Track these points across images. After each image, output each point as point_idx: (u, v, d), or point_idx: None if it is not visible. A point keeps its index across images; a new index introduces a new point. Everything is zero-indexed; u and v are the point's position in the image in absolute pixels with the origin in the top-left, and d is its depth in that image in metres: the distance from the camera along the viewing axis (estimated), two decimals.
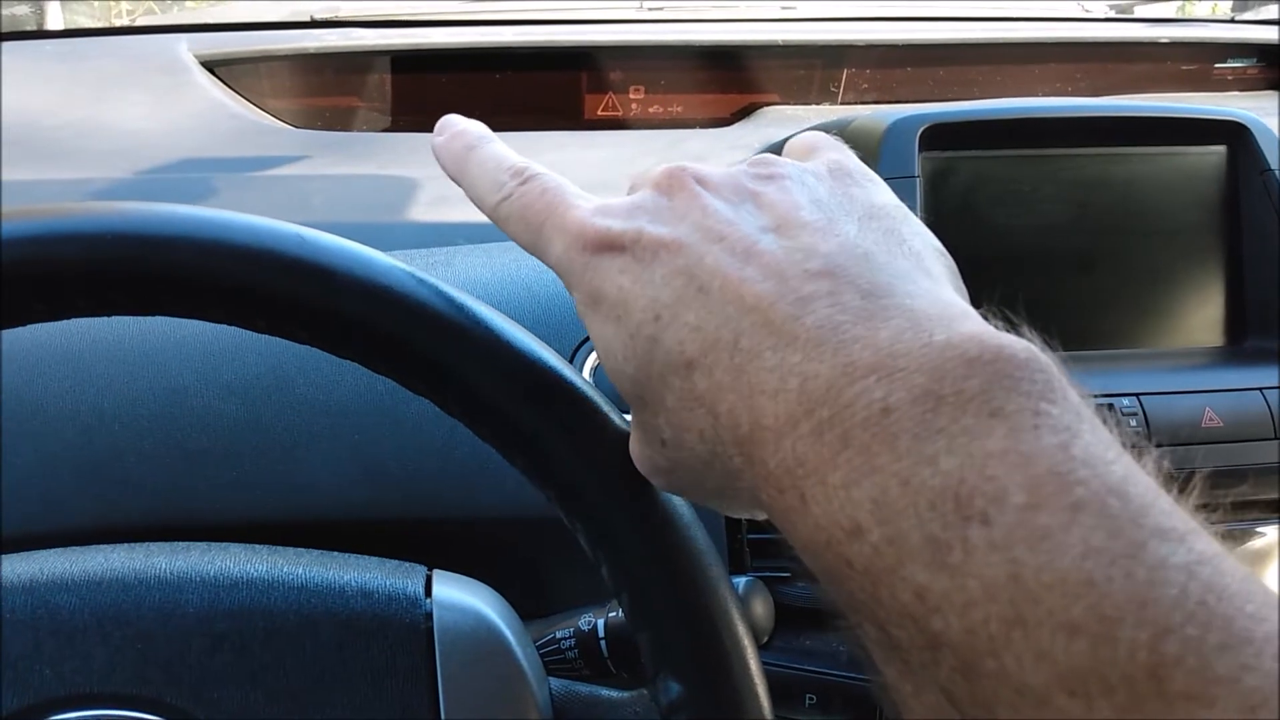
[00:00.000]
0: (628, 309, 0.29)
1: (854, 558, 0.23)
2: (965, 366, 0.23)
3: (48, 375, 0.57)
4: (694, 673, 0.34)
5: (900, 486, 0.22)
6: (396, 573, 0.43)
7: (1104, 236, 0.68)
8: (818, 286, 0.26)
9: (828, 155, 0.33)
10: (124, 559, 0.42)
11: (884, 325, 0.25)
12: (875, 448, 0.23)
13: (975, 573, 0.21)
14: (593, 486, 0.34)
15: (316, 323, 0.33)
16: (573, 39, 1.06)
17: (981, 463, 0.21)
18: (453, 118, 0.37)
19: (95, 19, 1.31)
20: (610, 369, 0.30)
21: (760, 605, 0.51)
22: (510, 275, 0.67)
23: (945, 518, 0.21)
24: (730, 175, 0.31)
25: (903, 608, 0.22)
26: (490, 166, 0.34)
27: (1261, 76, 1.14)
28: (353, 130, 1.04)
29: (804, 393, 0.25)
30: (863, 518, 0.23)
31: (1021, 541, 0.20)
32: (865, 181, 0.32)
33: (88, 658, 0.39)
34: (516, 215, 0.33)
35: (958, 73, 1.09)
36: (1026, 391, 0.22)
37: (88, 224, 0.32)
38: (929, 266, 0.28)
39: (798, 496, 0.24)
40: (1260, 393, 0.62)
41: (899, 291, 0.26)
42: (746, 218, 0.29)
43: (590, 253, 0.30)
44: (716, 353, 0.27)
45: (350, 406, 0.58)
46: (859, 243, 0.28)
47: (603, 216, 0.30)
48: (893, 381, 0.23)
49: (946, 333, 0.24)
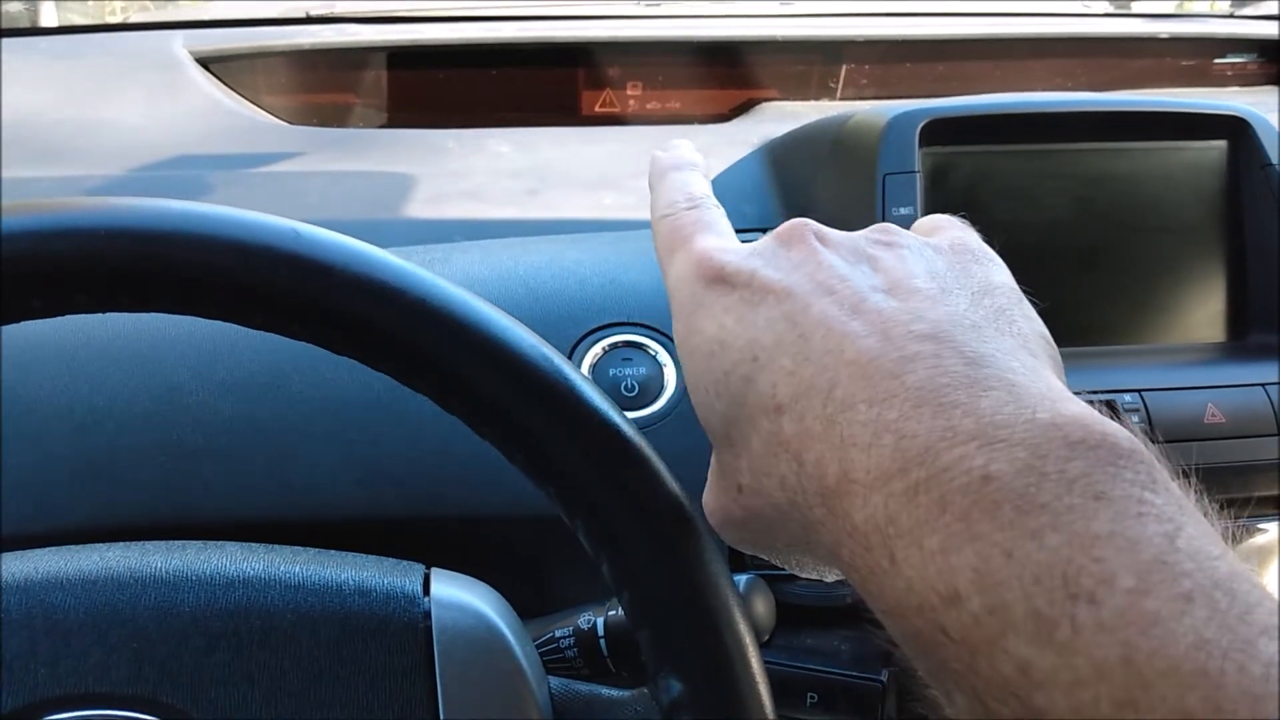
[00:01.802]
0: (725, 347, 0.29)
1: (950, 625, 0.23)
2: (1069, 448, 0.23)
3: (42, 373, 0.57)
4: (695, 671, 0.34)
5: (1003, 557, 0.22)
6: (394, 571, 0.43)
7: (1105, 232, 0.68)
8: (922, 348, 0.26)
9: (952, 233, 0.34)
10: (120, 558, 0.42)
11: (985, 394, 0.25)
12: (975, 515, 0.23)
13: (1084, 651, 0.20)
14: (593, 483, 0.33)
15: (314, 319, 0.33)
16: (570, 35, 1.06)
17: (1088, 543, 0.21)
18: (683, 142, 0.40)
19: (89, 16, 1.31)
20: (698, 403, 0.31)
21: (761, 603, 0.50)
22: (508, 272, 0.67)
23: (1051, 594, 0.21)
24: (850, 237, 0.32)
25: (1004, 681, 0.22)
26: (676, 187, 0.36)
27: (1261, 72, 1.14)
28: (349, 127, 1.03)
29: (899, 450, 0.24)
30: (962, 585, 0.22)
31: (1132, 625, 0.20)
32: (985, 260, 0.32)
33: (83, 657, 0.38)
34: (665, 232, 0.34)
35: (957, 68, 1.09)
36: (1130, 480, 0.22)
37: (84, 219, 0.31)
38: (1034, 349, 0.29)
39: (887, 556, 0.24)
40: (1263, 388, 0.62)
41: (1003, 365, 0.26)
42: (860, 276, 0.29)
43: (703, 284, 0.31)
44: (809, 399, 0.27)
45: (347, 404, 0.58)
46: (968, 315, 0.28)
47: (723, 253, 0.31)
48: (994, 450, 0.23)
49: (1049, 412, 0.24)
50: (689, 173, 0.37)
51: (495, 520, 0.57)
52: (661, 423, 0.60)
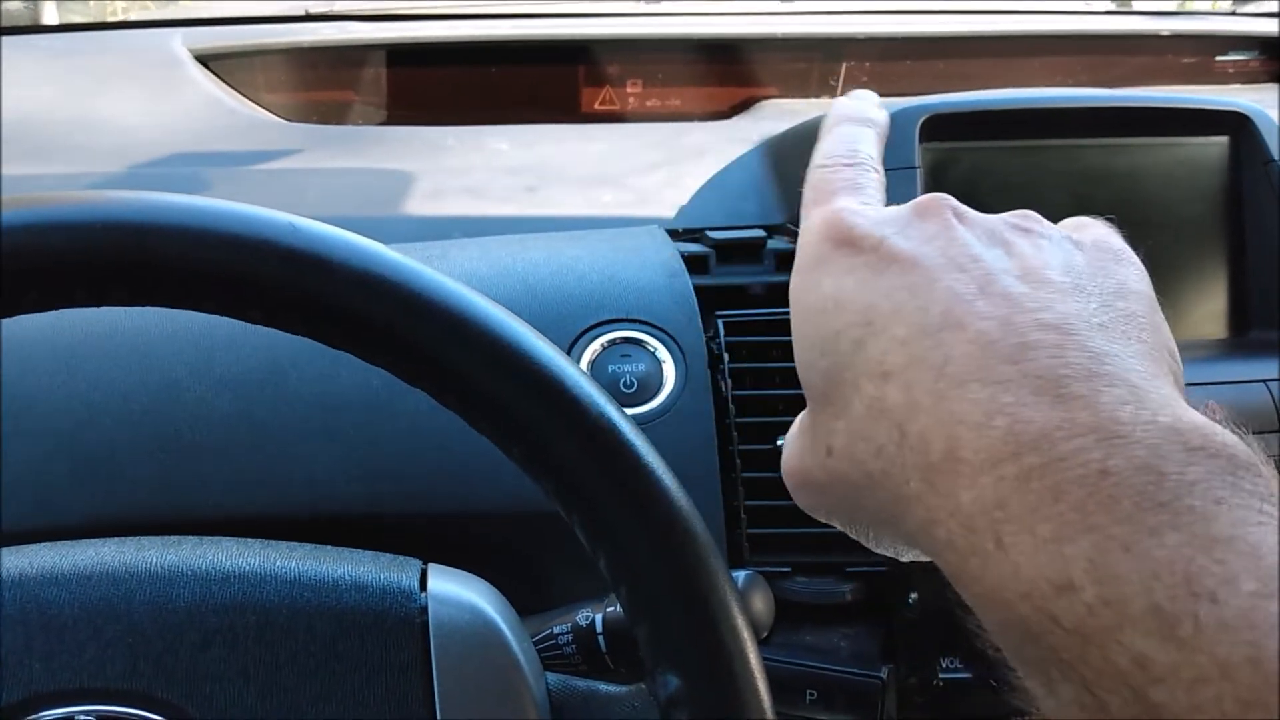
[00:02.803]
0: (840, 306, 0.29)
1: (1061, 614, 0.22)
2: (1188, 453, 0.23)
3: (39, 369, 0.57)
4: (693, 667, 0.33)
5: (1121, 550, 0.22)
6: (391, 567, 0.42)
7: None
8: (1045, 337, 0.26)
9: (1096, 231, 0.33)
10: (115, 553, 0.42)
11: (1106, 390, 0.24)
12: (1091, 507, 0.22)
13: (1207, 649, 0.20)
14: (591, 479, 0.33)
15: (311, 313, 0.33)
16: (570, 32, 1.05)
17: (1209, 545, 0.21)
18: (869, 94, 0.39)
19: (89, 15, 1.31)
20: (801, 361, 0.31)
21: (760, 600, 0.50)
22: (506, 268, 0.67)
23: (1173, 590, 0.21)
24: (988, 218, 0.31)
25: (1118, 673, 0.22)
26: (842, 140, 0.35)
27: (1262, 69, 1.14)
28: (348, 124, 1.03)
29: (1012, 434, 0.24)
30: (1076, 575, 0.22)
31: (1256, 626, 0.20)
32: (1126, 262, 0.31)
33: (78, 652, 0.38)
34: (814, 184, 0.34)
35: (957, 65, 1.09)
36: (1249, 490, 0.22)
37: (81, 213, 0.31)
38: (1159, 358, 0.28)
39: (992, 539, 0.24)
40: (1264, 385, 0.62)
41: (1125, 366, 0.25)
42: (993, 259, 0.29)
43: (830, 243, 0.31)
44: (919, 370, 0.27)
45: (345, 400, 0.57)
46: (1098, 314, 0.27)
47: (856, 215, 0.31)
48: (1113, 447, 0.23)
49: (1170, 417, 0.24)
50: (861, 128, 0.36)
51: (493, 516, 0.57)
52: (660, 419, 0.60)
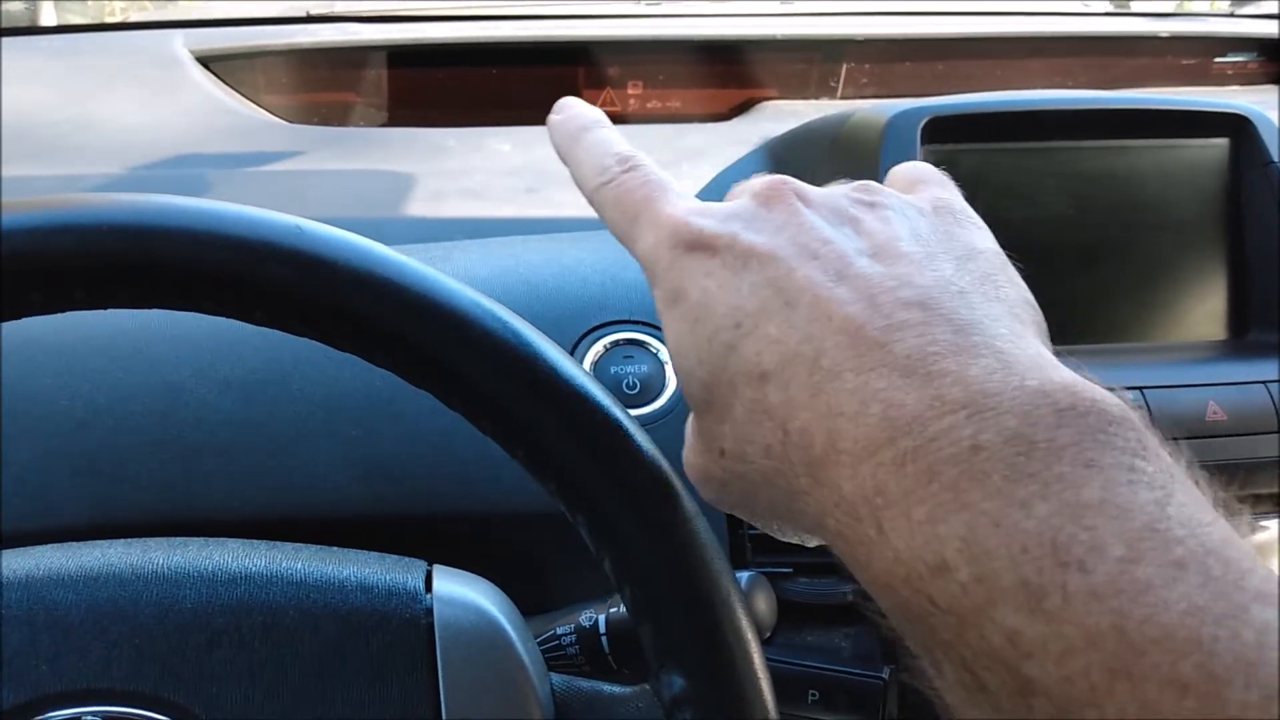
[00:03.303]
0: (708, 312, 0.29)
1: (938, 595, 0.22)
2: (1058, 416, 0.23)
3: (42, 370, 0.57)
4: (698, 667, 0.34)
5: (992, 526, 0.22)
6: (396, 568, 0.42)
7: (1106, 229, 0.68)
8: (910, 315, 0.26)
9: (933, 191, 0.33)
10: (121, 554, 0.42)
11: (974, 362, 0.24)
12: (964, 484, 0.22)
13: (1074, 620, 0.20)
14: (595, 480, 0.33)
15: (315, 315, 0.33)
16: (570, 34, 1.06)
17: (1077, 512, 0.21)
18: (572, 100, 0.37)
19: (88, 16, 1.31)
20: (681, 369, 0.30)
21: (763, 600, 0.50)
22: (509, 270, 0.67)
23: (1040, 562, 0.21)
24: (831, 196, 0.31)
25: (993, 650, 0.22)
26: (598, 150, 0.34)
27: (1261, 71, 1.14)
28: (349, 125, 1.04)
29: (886, 420, 0.24)
30: (950, 555, 0.22)
31: (1123, 593, 0.20)
32: (967, 223, 0.32)
33: (85, 653, 0.38)
34: (613, 201, 0.33)
35: (957, 67, 1.09)
36: (1120, 447, 0.22)
37: (85, 215, 0.31)
38: (1020, 315, 0.28)
39: (874, 526, 0.24)
40: (1264, 386, 0.62)
41: (991, 332, 0.26)
42: (843, 239, 0.29)
43: (681, 250, 0.30)
44: (794, 367, 0.26)
45: (348, 401, 0.58)
46: (955, 280, 0.28)
47: (699, 216, 0.30)
48: (983, 420, 0.23)
49: (1038, 379, 0.24)
50: (602, 131, 0.35)
51: (497, 517, 0.57)
52: (664, 420, 0.60)
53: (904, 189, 0.34)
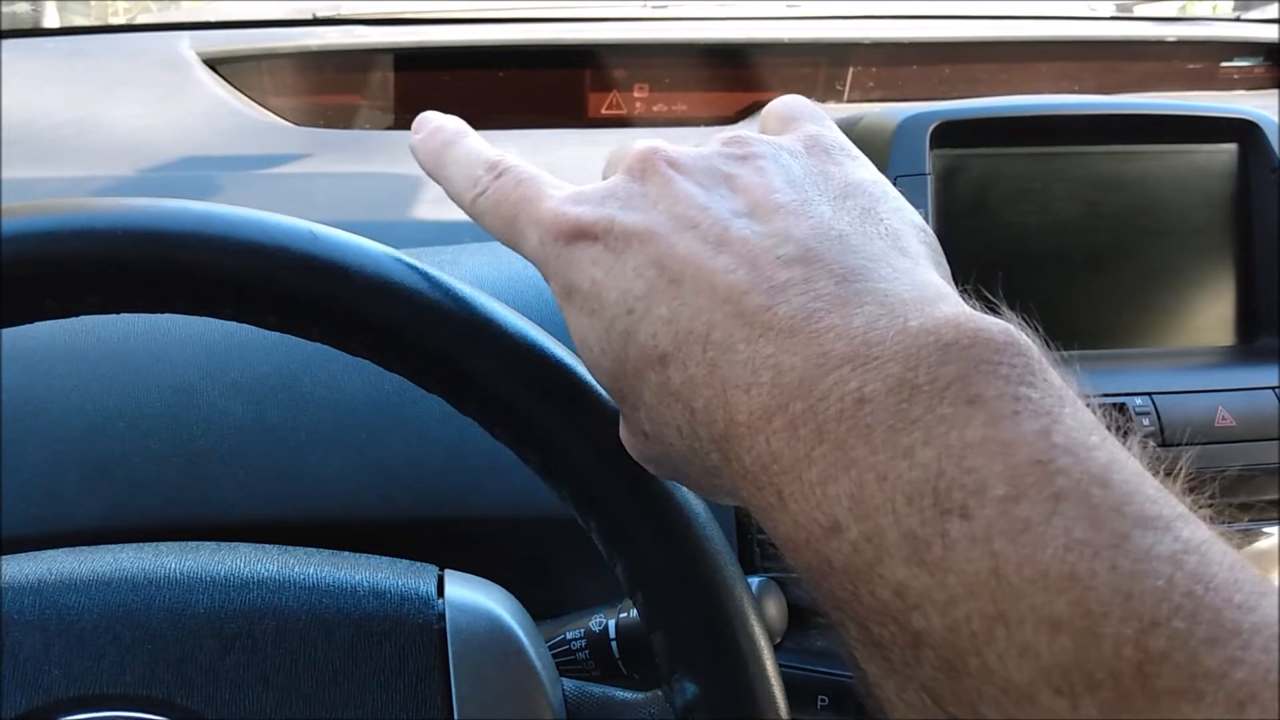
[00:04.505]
0: (601, 302, 0.28)
1: (833, 555, 0.22)
2: (940, 352, 0.22)
3: (53, 374, 0.57)
4: (710, 673, 0.34)
5: (877, 481, 0.21)
6: (408, 573, 0.42)
7: (1115, 234, 0.68)
8: (791, 274, 0.25)
9: (805, 129, 0.32)
10: (133, 559, 0.42)
11: (858, 312, 0.24)
12: (851, 441, 0.22)
13: (956, 568, 0.20)
14: (609, 486, 0.33)
15: (330, 319, 0.33)
16: (577, 37, 1.06)
17: (960, 454, 0.21)
18: (429, 115, 0.36)
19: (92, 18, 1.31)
20: (587, 362, 0.30)
21: (774, 605, 0.50)
22: (518, 273, 0.67)
23: (923, 513, 0.21)
24: (703, 157, 0.30)
25: (883, 606, 0.21)
26: (466, 162, 0.33)
27: (1267, 75, 1.14)
28: (355, 128, 1.04)
29: (777, 386, 0.24)
30: (840, 515, 0.22)
31: (1002, 535, 0.20)
32: (842, 157, 0.31)
33: (98, 658, 0.38)
34: (491, 209, 0.32)
35: (963, 71, 1.09)
36: (1005, 376, 0.22)
37: (99, 220, 0.32)
38: (906, 245, 0.28)
39: (775, 494, 0.24)
40: (1273, 392, 0.62)
41: (874, 275, 0.25)
42: (719, 202, 0.28)
43: (563, 243, 0.29)
44: (690, 346, 0.26)
45: (358, 405, 0.58)
46: (834, 224, 0.27)
47: (574, 205, 0.29)
48: (868, 371, 0.23)
49: (921, 317, 0.23)
50: (464, 141, 0.34)
51: (508, 521, 0.57)
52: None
53: (777, 129, 0.33)
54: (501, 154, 0.33)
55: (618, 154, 0.32)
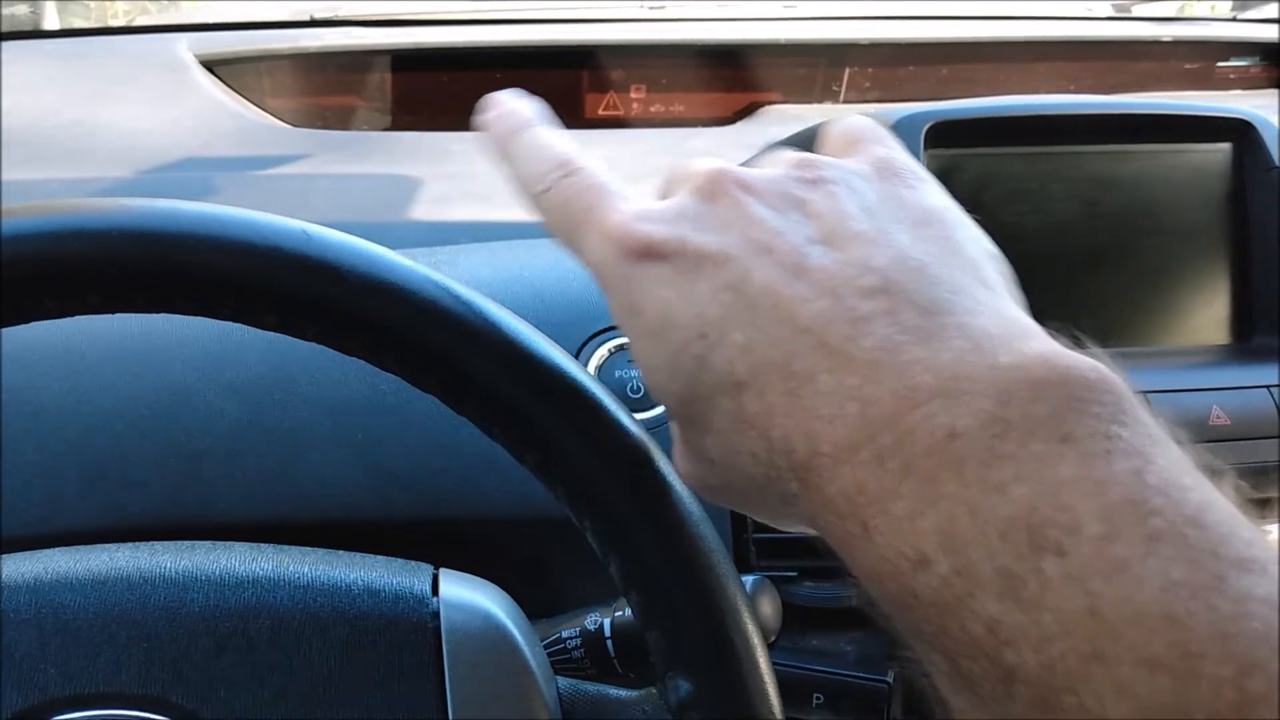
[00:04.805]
0: (671, 325, 0.28)
1: (920, 589, 0.22)
2: (1032, 389, 0.22)
3: (50, 375, 0.57)
4: (704, 671, 0.34)
5: (969, 516, 0.21)
6: (403, 572, 0.43)
7: (1111, 234, 0.68)
8: (874, 305, 0.25)
9: (873, 151, 0.31)
10: (129, 558, 0.42)
11: (945, 346, 0.24)
12: (941, 476, 0.22)
13: (1051, 606, 0.20)
14: (603, 485, 0.33)
15: (325, 320, 0.33)
16: (574, 38, 1.06)
17: (1053, 491, 0.21)
18: (503, 95, 0.35)
19: (91, 20, 1.31)
20: (652, 385, 0.29)
21: (768, 604, 0.50)
22: (514, 274, 0.67)
23: (1017, 549, 0.21)
24: (774, 180, 0.29)
25: (974, 641, 0.21)
26: (536, 155, 0.32)
27: (1264, 75, 1.14)
28: (353, 129, 1.04)
29: (863, 418, 0.24)
30: (929, 548, 0.22)
31: (1098, 574, 0.20)
32: (914, 181, 0.30)
33: (93, 657, 0.38)
34: (555, 210, 0.31)
35: (960, 71, 1.09)
36: (1097, 415, 0.22)
37: (96, 220, 0.32)
38: (985, 275, 0.27)
39: (859, 525, 0.24)
40: (1267, 390, 0.62)
41: (958, 308, 0.25)
42: (794, 227, 0.28)
43: (630, 260, 0.28)
44: (768, 374, 0.26)
45: (354, 405, 0.58)
46: (913, 254, 0.27)
47: (644, 221, 0.29)
48: (958, 406, 0.23)
49: (1011, 354, 0.23)
50: (539, 131, 0.33)
51: (503, 521, 0.57)
52: (668, 424, 0.60)
53: (841, 150, 0.32)
54: (573, 150, 0.32)
55: (680, 172, 0.31)
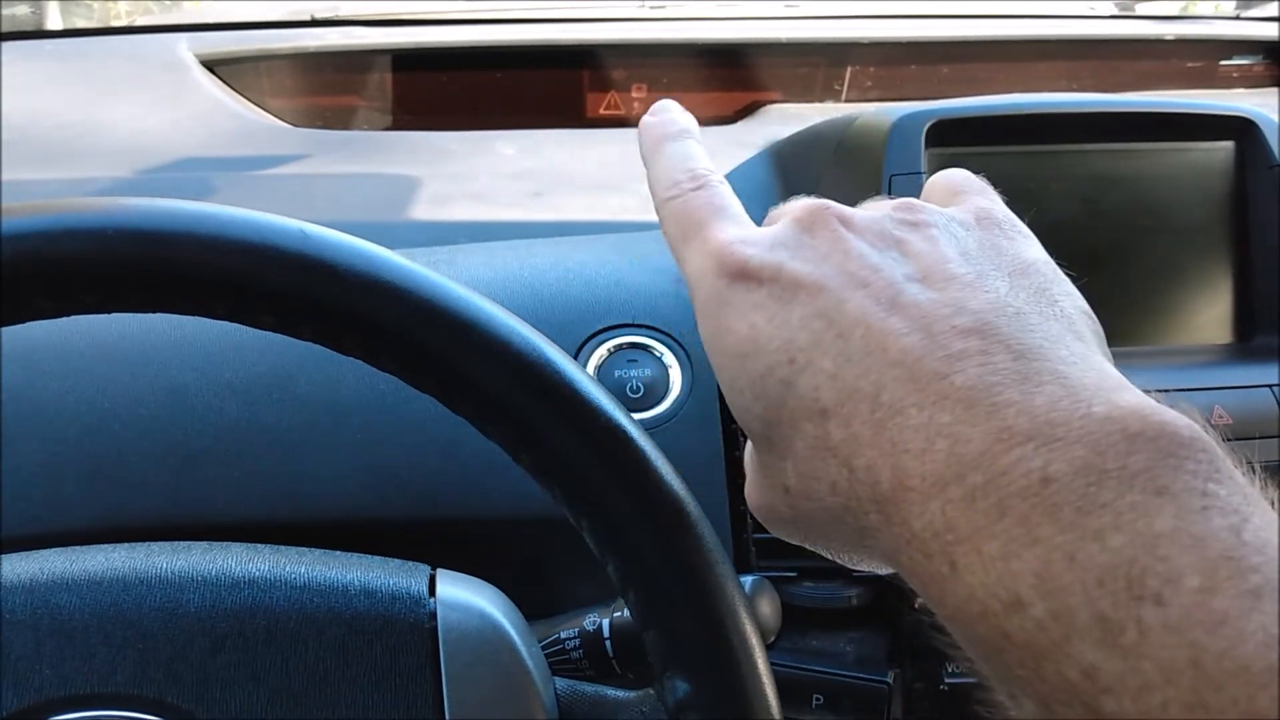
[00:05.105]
0: (759, 347, 0.28)
1: (1013, 631, 0.22)
2: (1128, 442, 0.22)
3: (48, 375, 0.57)
4: (702, 671, 0.34)
5: (1065, 561, 0.21)
6: (400, 572, 0.42)
7: (1112, 233, 0.68)
8: (968, 344, 0.25)
9: (975, 202, 0.32)
10: (125, 558, 0.42)
11: (1038, 391, 0.24)
12: (1035, 519, 0.22)
13: (1151, 655, 0.20)
14: (600, 486, 0.33)
15: (321, 320, 0.33)
16: (575, 37, 1.06)
17: (1151, 542, 0.21)
18: (667, 103, 0.37)
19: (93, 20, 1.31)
20: (735, 405, 0.30)
21: (767, 605, 0.50)
22: (513, 274, 0.67)
23: (1116, 596, 0.21)
24: (874, 219, 0.30)
25: (1069, 686, 0.21)
26: (675, 162, 0.34)
27: (1266, 73, 1.14)
28: (353, 129, 1.04)
29: (954, 455, 0.24)
30: (1024, 591, 0.22)
31: (1200, 625, 0.20)
32: (1014, 233, 0.31)
33: (89, 657, 0.38)
34: (673, 216, 0.32)
35: (962, 70, 1.09)
36: (1192, 471, 0.22)
37: (92, 219, 0.31)
38: (1079, 330, 0.28)
39: (947, 563, 0.24)
40: (1270, 390, 0.62)
41: (1052, 356, 0.25)
42: (891, 265, 0.28)
43: (726, 280, 0.29)
44: (855, 404, 0.26)
45: (352, 405, 0.58)
46: (1010, 301, 0.27)
47: (744, 245, 0.30)
48: (1051, 451, 0.23)
49: (1106, 405, 0.23)
50: (687, 142, 0.35)
51: (501, 521, 0.57)
52: (667, 424, 0.60)
53: (943, 200, 0.33)
54: (710, 169, 0.33)
55: (785, 205, 0.32)
